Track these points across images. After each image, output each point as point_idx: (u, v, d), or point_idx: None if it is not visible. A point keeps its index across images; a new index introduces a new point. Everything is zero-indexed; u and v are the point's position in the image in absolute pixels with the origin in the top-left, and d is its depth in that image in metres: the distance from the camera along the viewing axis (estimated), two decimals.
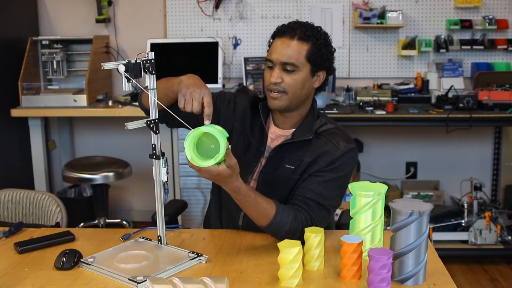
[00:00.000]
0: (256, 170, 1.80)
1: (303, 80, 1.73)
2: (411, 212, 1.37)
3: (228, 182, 1.51)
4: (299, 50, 1.70)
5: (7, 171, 3.67)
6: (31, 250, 1.65)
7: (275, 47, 1.73)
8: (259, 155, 1.80)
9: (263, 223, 1.61)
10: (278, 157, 1.77)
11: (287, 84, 1.71)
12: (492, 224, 3.45)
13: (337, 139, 1.74)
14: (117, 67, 1.49)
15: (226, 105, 1.88)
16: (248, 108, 1.86)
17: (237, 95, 1.90)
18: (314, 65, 1.73)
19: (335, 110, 3.50)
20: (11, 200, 2.31)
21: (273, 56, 1.72)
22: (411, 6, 3.92)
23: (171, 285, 1.26)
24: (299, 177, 1.74)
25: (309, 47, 1.71)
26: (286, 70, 1.71)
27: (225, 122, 1.85)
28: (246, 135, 1.83)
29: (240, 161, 1.74)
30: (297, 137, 1.76)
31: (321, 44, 1.72)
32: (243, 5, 3.97)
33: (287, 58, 1.70)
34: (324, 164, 1.71)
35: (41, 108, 3.65)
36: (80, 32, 4.05)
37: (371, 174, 4.04)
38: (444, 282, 1.44)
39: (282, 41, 1.72)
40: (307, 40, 1.70)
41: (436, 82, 3.87)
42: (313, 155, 1.73)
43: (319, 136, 1.76)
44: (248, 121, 1.85)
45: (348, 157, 1.74)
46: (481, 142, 4.09)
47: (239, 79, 4.00)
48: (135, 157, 3.89)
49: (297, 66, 1.70)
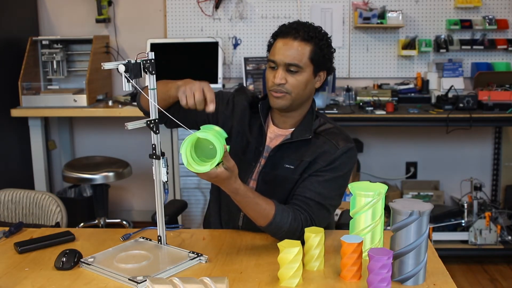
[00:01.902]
0: (255, 170, 1.80)
1: (306, 81, 1.73)
2: (411, 212, 1.37)
3: (226, 184, 1.51)
4: (302, 50, 1.70)
5: (7, 171, 3.67)
6: (31, 250, 1.65)
7: (277, 47, 1.72)
8: (258, 154, 1.80)
9: (263, 223, 1.61)
10: (277, 157, 1.77)
11: (291, 85, 1.71)
12: (492, 224, 3.45)
13: (336, 138, 1.75)
14: (117, 67, 1.49)
15: (225, 105, 1.88)
16: (247, 108, 1.86)
17: (236, 95, 1.90)
18: (317, 66, 1.73)
19: (335, 110, 3.50)
20: (11, 200, 2.31)
21: (276, 57, 1.72)
22: (411, 6, 3.92)
23: (171, 285, 1.26)
24: (299, 177, 1.74)
25: (312, 47, 1.71)
26: (289, 71, 1.71)
27: (224, 122, 1.85)
28: (245, 135, 1.83)
29: (239, 161, 1.73)
30: (297, 136, 1.76)
31: (324, 44, 1.72)
32: (243, 5, 3.97)
33: (291, 59, 1.69)
34: (323, 164, 1.71)
35: (41, 108, 3.65)
36: (80, 32, 4.05)
37: (371, 174, 4.04)
38: (444, 282, 1.44)
39: (285, 42, 1.71)
40: (310, 40, 1.70)
41: (436, 82, 3.87)
42: (313, 154, 1.73)
43: (318, 136, 1.76)
44: (247, 121, 1.85)
45: (348, 157, 1.74)
46: (481, 142, 4.09)
47: (239, 79, 4.00)
48: (135, 157, 3.89)
49: (300, 67, 1.70)
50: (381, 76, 4.00)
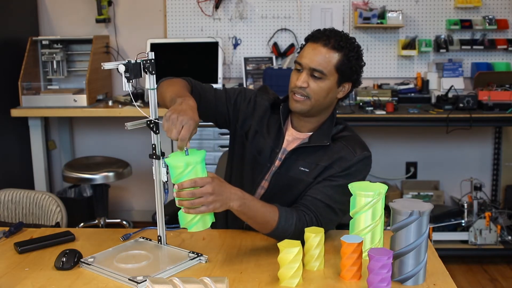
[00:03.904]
0: (269, 171, 1.80)
1: (328, 89, 1.73)
2: (411, 212, 1.37)
3: (227, 187, 1.51)
4: (329, 58, 1.70)
5: (7, 171, 3.67)
6: (31, 250, 1.65)
7: (307, 51, 1.72)
8: (274, 156, 1.80)
9: (269, 229, 1.61)
10: (293, 159, 1.77)
11: (312, 90, 1.71)
12: (492, 224, 3.45)
13: (354, 145, 1.74)
14: (117, 67, 1.49)
15: (246, 104, 1.88)
16: (268, 108, 1.87)
17: (258, 94, 1.91)
18: (342, 76, 1.73)
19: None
20: (11, 200, 2.31)
21: (303, 60, 1.72)
22: (411, 6, 3.92)
23: (171, 285, 1.26)
24: (313, 181, 1.73)
25: (340, 57, 1.70)
26: (313, 76, 1.71)
27: (244, 121, 1.86)
28: (263, 135, 1.83)
29: (254, 161, 1.73)
30: (314, 141, 1.76)
31: (353, 56, 1.72)
32: (243, 5, 3.97)
33: (316, 64, 1.69)
34: (339, 170, 1.71)
35: (41, 108, 3.65)
36: (80, 32, 4.05)
37: (371, 174, 4.03)
38: (444, 282, 1.44)
39: (315, 47, 1.71)
40: (339, 50, 1.70)
41: (436, 82, 3.87)
42: (329, 160, 1.73)
43: (335, 142, 1.76)
44: (266, 122, 1.85)
45: (363, 164, 1.74)
46: (481, 142, 4.09)
47: (239, 79, 4.00)
48: (135, 157, 3.90)
49: (324, 74, 1.70)
50: (381, 76, 4.00)
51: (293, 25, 3.97)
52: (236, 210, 1.53)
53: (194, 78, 1.88)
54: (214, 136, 3.57)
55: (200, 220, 1.48)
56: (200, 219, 1.48)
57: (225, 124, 1.91)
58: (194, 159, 1.46)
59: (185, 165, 1.44)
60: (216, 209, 1.47)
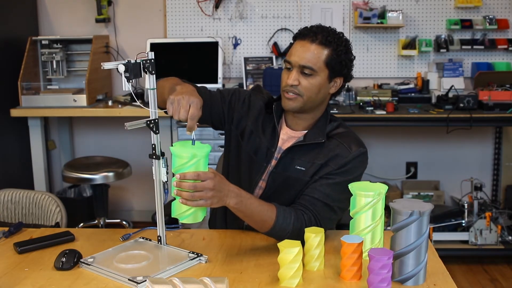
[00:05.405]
0: (266, 171, 1.80)
1: (320, 85, 1.73)
2: (411, 212, 1.37)
3: (226, 184, 1.51)
4: (318, 54, 1.70)
5: (7, 171, 3.67)
6: (31, 250, 1.65)
7: (295, 49, 1.73)
8: (270, 156, 1.80)
9: (266, 228, 1.61)
10: (289, 158, 1.77)
11: (303, 88, 1.71)
12: (493, 224, 3.45)
13: (349, 142, 1.74)
14: (117, 67, 1.49)
15: (241, 104, 1.88)
16: (262, 108, 1.87)
17: (252, 94, 1.91)
18: (332, 71, 1.73)
19: (335, 110, 3.50)
20: (11, 200, 2.31)
21: (292, 58, 1.72)
22: (411, 6, 3.92)
23: (171, 285, 1.26)
24: (309, 179, 1.73)
25: (329, 52, 1.70)
26: (303, 73, 1.71)
27: (239, 121, 1.86)
28: (258, 135, 1.83)
29: (251, 161, 1.72)
30: (310, 139, 1.76)
31: (342, 50, 1.72)
32: (243, 5, 3.97)
33: (305, 61, 1.69)
34: (335, 167, 1.71)
35: (40, 108, 3.65)
36: (80, 32, 4.05)
37: (371, 174, 4.03)
38: (444, 282, 1.44)
39: (303, 44, 1.71)
40: (327, 45, 1.70)
41: (436, 82, 3.87)
42: (325, 157, 1.72)
43: (331, 139, 1.76)
44: (261, 121, 1.85)
45: (359, 161, 1.74)
46: (482, 142, 4.09)
47: (239, 79, 4.00)
48: (135, 157, 3.89)
49: (315, 70, 1.70)
50: (381, 76, 4.00)
51: (293, 25, 3.97)
52: (232, 207, 1.54)
53: (194, 78, 1.88)
54: (214, 136, 3.57)
55: (193, 213, 1.49)
56: (193, 212, 1.49)
57: (220, 125, 1.91)
58: (200, 152, 1.46)
59: (190, 157, 1.44)
60: (213, 204, 1.48)
